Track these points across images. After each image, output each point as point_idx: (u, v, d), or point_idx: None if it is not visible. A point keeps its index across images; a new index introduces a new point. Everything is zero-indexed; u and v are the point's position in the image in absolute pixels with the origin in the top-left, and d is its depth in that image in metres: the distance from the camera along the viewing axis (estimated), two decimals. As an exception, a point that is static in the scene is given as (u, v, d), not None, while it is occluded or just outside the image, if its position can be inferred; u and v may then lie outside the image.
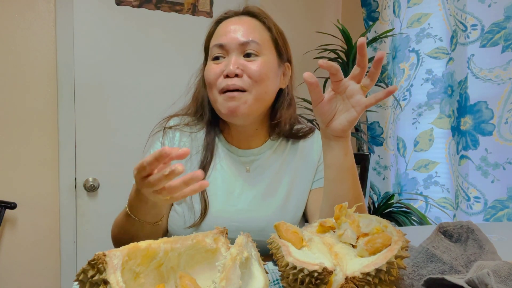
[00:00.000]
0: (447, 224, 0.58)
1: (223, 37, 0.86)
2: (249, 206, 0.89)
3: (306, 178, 0.94)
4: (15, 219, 1.86)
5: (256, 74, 0.83)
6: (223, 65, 0.84)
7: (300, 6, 2.47)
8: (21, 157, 1.85)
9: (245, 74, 0.83)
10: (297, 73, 0.92)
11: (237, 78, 0.82)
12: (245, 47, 0.84)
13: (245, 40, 0.84)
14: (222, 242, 0.53)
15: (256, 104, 0.85)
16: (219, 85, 0.84)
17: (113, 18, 1.99)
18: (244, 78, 0.83)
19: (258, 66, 0.84)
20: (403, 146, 2.02)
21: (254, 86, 0.83)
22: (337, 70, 0.67)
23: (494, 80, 1.58)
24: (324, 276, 0.44)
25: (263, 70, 0.84)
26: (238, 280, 0.43)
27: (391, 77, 2.07)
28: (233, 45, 0.84)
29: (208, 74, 0.86)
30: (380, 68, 0.66)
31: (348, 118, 0.70)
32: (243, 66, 0.83)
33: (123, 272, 0.41)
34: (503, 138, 1.57)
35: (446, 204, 1.84)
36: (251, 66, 0.83)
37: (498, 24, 1.56)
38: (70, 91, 1.92)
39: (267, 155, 0.94)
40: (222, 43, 0.85)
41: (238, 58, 0.84)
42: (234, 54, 0.84)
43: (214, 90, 0.85)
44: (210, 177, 0.90)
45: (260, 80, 0.83)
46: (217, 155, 0.92)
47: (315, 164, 0.95)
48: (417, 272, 0.52)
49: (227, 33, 0.86)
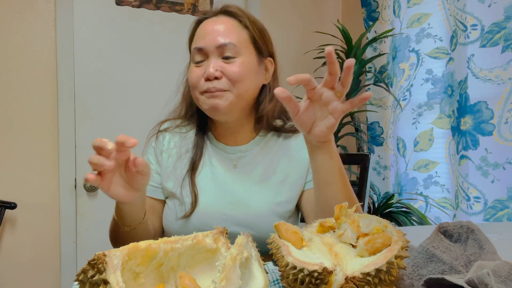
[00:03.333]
0: (447, 224, 0.58)
1: (201, 40, 0.88)
2: (239, 199, 0.91)
3: (297, 174, 0.95)
4: (15, 219, 1.86)
5: (235, 76, 0.86)
6: (203, 68, 0.87)
7: (300, 6, 2.47)
8: (21, 157, 1.85)
9: (224, 76, 0.86)
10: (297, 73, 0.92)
11: (217, 81, 0.85)
12: (222, 50, 0.87)
13: (222, 43, 0.86)
14: (222, 242, 0.53)
15: (237, 101, 0.87)
16: (200, 87, 0.87)
17: (113, 18, 1.99)
18: (223, 80, 0.86)
19: (237, 67, 0.86)
20: (403, 146, 2.02)
21: (233, 86, 0.86)
22: (309, 81, 0.66)
23: (494, 80, 1.58)
24: (324, 276, 0.44)
25: (242, 71, 0.86)
26: (238, 280, 0.43)
27: (391, 77, 2.07)
28: (211, 47, 0.87)
29: (190, 77, 0.90)
30: (351, 74, 0.66)
31: (328, 124, 0.70)
32: (222, 68, 0.86)
33: (123, 272, 0.41)
34: (503, 138, 1.57)
35: (446, 204, 1.84)
36: (229, 68, 0.86)
37: (498, 24, 1.56)
38: (70, 91, 1.92)
39: (255, 151, 0.96)
40: (201, 47, 0.88)
41: (217, 61, 0.87)
42: (213, 57, 0.87)
43: (196, 91, 0.89)
44: (200, 174, 0.93)
45: (239, 81, 0.86)
46: (206, 152, 0.96)
47: (307, 162, 0.95)
48: (417, 272, 0.52)
49: (205, 35, 0.88)
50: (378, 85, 2.13)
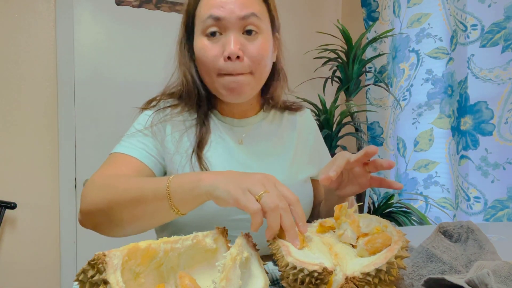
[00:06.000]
0: (447, 224, 0.58)
1: (218, 8, 0.74)
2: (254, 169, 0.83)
3: (305, 152, 0.93)
4: (15, 219, 1.86)
5: (259, 57, 0.76)
6: (220, 44, 0.75)
7: (300, 6, 2.47)
8: (21, 157, 1.85)
9: (245, 55, 0.75)
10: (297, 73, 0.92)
11: (239, 62, 0.74)
12: (245, 22, 0.74)
13: (245, 14, 0.74)
14: (222, 242, 0.53)
15: (258, 85, 0.81)
16: (219, 68, 0.75)
17: (113, 18, 1.99)
18: (246, 61, 0.75)
19: (259, 46, 0.76)
20: (403, 146, 2.02)
21: (255, 68, 0.77)
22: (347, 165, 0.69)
23: (494, 80, 1.58)
24: (324, 276, 0.44)
25: (264, 51, 0.77)
26: (238, 280, 0.43)
27: (391, 77, 2.07)
28: (232, 19, 0.74)
29: (204, 55, 0.76)
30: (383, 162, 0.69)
31: (354, 191, 0.75)
32: (243, 47, 0.75)
33: (123, 272, 0.41)
34: (503, 138, 1.57)
35: (446, 204, 1.84)
36: (251, 47, 0.76)
37: (498, 24, 1.56)
38: (70, 91, 1.92)
39: (263, 125, 0.90)
40: (219, 16, 0.74)
41: (239, 37, 0.75)
42: (233, 31, 0.74)
43: (212, 72, 0.77)
44: (209, 150, 0.83)
45: (262, 62, 0.77)
46: (213, 128, 0.86)
47: (312, 144, 0.95)
48: (417, 272, 0.52)
49: (223, 3, 0.74)
50: (378, 85, 2.14)
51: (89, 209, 0.68)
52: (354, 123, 2.18)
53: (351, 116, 2.18)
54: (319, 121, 2.17)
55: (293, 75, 0.99)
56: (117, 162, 0.78)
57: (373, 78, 2.20)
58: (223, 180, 0.56)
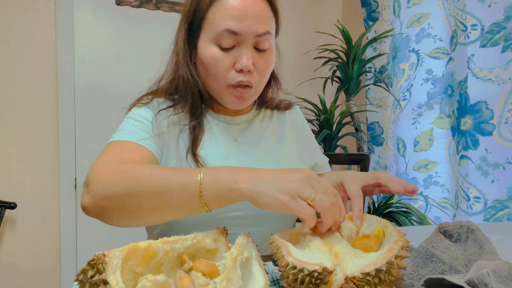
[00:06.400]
0: (447, 224, 0.58)
1: (237, 22, 0.73)
2: (249, 165, 0.83)
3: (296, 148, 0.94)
4: (15, 219, 1.86)
5: (265, 71, 0.80)
6: (232, 56, 0.76)
7: (300, 6, 2.47)
8: (21, 157, 1.85)
9: (255, 69, 0.78)
10: (297, 73, 0.92)
11: (250, 74, 0.77)
12: (259, 39, 0.76)
13: (261, 32, 0.75)
14: (222, 242, 0.53)
15: (258, 94, 0.84)
16: (231, 79, 0.76)
17: (113, 18, 1.99)
18: (254, 75, 0.78)
19: (268, 62, 0.79)
20: (403, 146, 2.02)
21: (260, 80, 0.80)
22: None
23: (494, 80, 1.57)
24: (324, 276, 0.44)
25: (271, 66, 0.81)
26: (239, 280, 0.43)
27: (391, 77, 2.07)
28: (249, 36, 0.74)
29: (215, 64, 0.76)
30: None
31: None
32: (254, 61, 0.77)
33: (123, 272, 0.41)
34: (503, 138, 1.57)
35: (446, 204, 1.84)
36: (261, 63, 0.78)
37: (498, 24, 1.56)
38: (70, 91, 1.92)
39: (256, 122, 0.92)
40: (237, 31, 0.73)
41: (251, 51, 0.76)
42: (247, 46, 0.75)
43: (222, 82, 0.77)
44: (203, 148, 0.82)
45: (266, 75, 0.81)
46: (207, 126, 0.86)
47: (306, 139, 0.97)
48: (417, 272, 0.52)
49: (242, 17, 0.73)
50: (378, 85, 2.14)
51: (105, 193, 0.62)
52: (354, 123, 2.18)
53: (351, 116, 2.18)
54: (319, 121, 2.17)
55: (293, 75, 1.00)
56: (124, 149, 0.74)
57: (373, 78, 2.20)
58: (265, 184, 0.53)
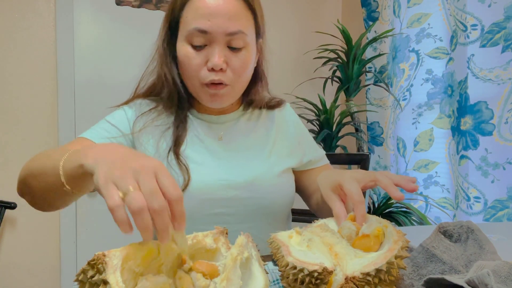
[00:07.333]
0: (447, 224, 0.58)
1: (205, 20, 0.74)
2: (234, 165, 0.85)
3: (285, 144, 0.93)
4: (15, 219, 1.86)
5: (241, 70, 0.79)
6: (204, 55, 0.76)
7: (300, 6, 2.47)
8: (21, 157, 1.85)
9: (228, 67, 0.77)
10: (297, 73, 0.92)
11: (222, 73, 0.77)
12: (231, 38, 0.75)
13: (232, 31, 0.75)
14: (222, 242, 0.53)
15: (238, 94, 0.84)
16: (203, 78, 0.77)
17: (113, 18, 1.99)
18: (228, 73, 0.77)
19: (243, 60, 0.78)
20: (403, 146, 2.02)
21: (236, 79, 0.79)
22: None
23: (494, 80, 1.57)
24: (324, 276, 0.44)
25: (247, 63, 0.79)
26: (239, 281, 0.43)
27: (391, 77, 2.07)
28: (218, 34, 0.74)
29: (188, 63, 0.77)
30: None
31: None
32: (227, 59, 0.77)
33: (123, 272, 0.41)
34: (503, 138, 1.57)
35: (446, 204, 1.84)
36: (235, 61, 0.77)
37: (498, 24, 1.56)
38: (70, 91, 1.92)
39: (241, 122, 0.91)
40: (206, 30, 0.74)
41: (223, 50, 0.76)
42: (218, 45, 0.75)
43: (195, 80, 0.79)
44: (187, 148, 0.83)
45: (242, 74, 0.80)
46: (191, 126, 0.87)
47: (295, 136, 0.95)
48: (417, 272, 0.52)
49: (211, 15, 0.73)
50: (378, 85, 2.14)
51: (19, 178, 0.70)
52: (354, 123, 2.18)
53: (351, 116, 2.18)
54: (319, 121, 2.17)
55: (293, 75, 1.00)
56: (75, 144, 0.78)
57: (373, 78, 2.20)
58: (102, 163, 0.48)
